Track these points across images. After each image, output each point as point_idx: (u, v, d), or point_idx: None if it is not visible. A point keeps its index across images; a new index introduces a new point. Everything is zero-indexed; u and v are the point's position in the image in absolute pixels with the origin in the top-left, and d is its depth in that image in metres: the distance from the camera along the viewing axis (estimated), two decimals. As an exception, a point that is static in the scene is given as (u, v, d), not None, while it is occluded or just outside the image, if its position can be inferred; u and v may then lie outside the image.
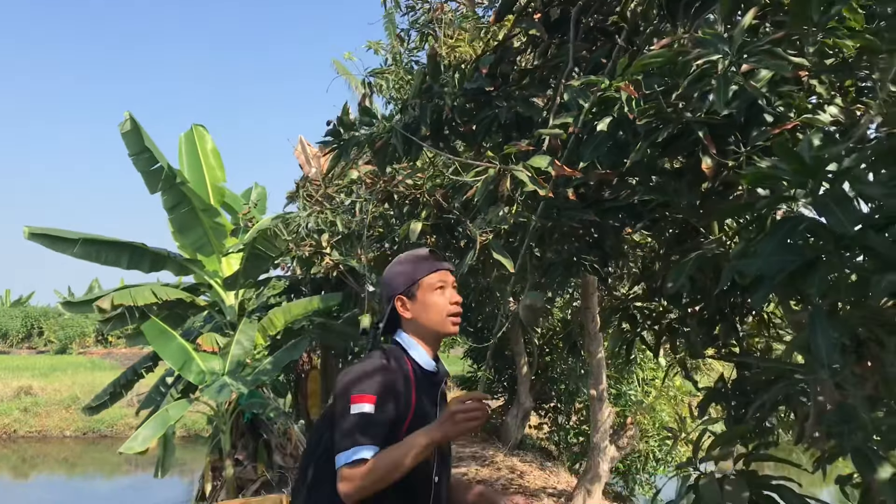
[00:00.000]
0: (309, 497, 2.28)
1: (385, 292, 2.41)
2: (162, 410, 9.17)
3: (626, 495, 11.90)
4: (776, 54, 2.26)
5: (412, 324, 2.37)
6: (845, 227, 1.75)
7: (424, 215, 4.85)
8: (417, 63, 7.62)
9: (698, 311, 4.00)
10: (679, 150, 2.65)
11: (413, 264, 2.40)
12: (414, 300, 2.36)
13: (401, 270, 2.40)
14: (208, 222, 10.45)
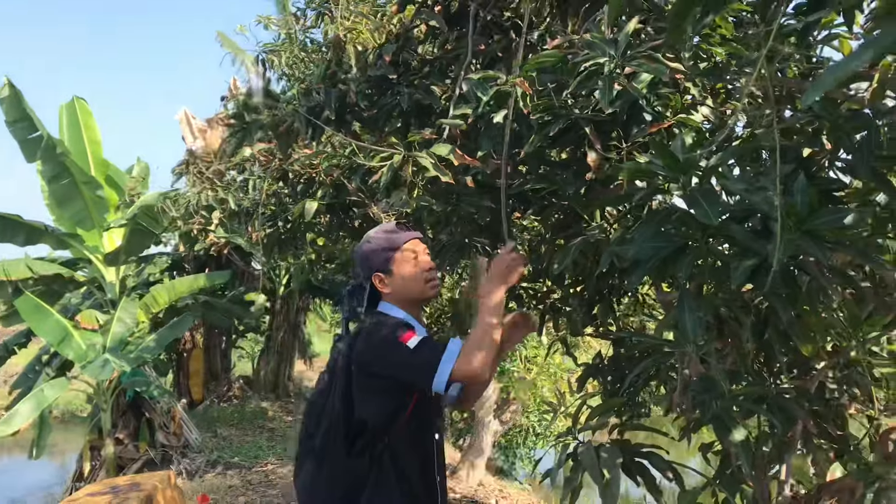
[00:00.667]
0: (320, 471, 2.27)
1: (361, 272, 2.42)
2: (37, 390, 8.83)
3: (507, 469, 12.35)
4: (656, 59, 2.48)
5: (393, 297, 2.42)
6: (711, 219, 1.97)
7: (320, 195, 4.91)
8: (312, 41, 7.61)
9: (580, 292, 4.26)
10: (567, 144, 2.86)
11: (384, 240, 2.44)
12: (391, 275, 2.40)
13: (373, 248, 2.43)
14: (90, 195, 10.07)
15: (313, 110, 3.25)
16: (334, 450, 2.24)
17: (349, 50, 3.77)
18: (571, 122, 2.67)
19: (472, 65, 3.18)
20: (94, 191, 10.08)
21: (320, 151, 4.49)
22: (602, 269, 2.58)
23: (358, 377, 2.27)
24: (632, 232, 2.29)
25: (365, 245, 2.46)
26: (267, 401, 13.77)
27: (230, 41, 14.59)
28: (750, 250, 2.04)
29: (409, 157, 2.58)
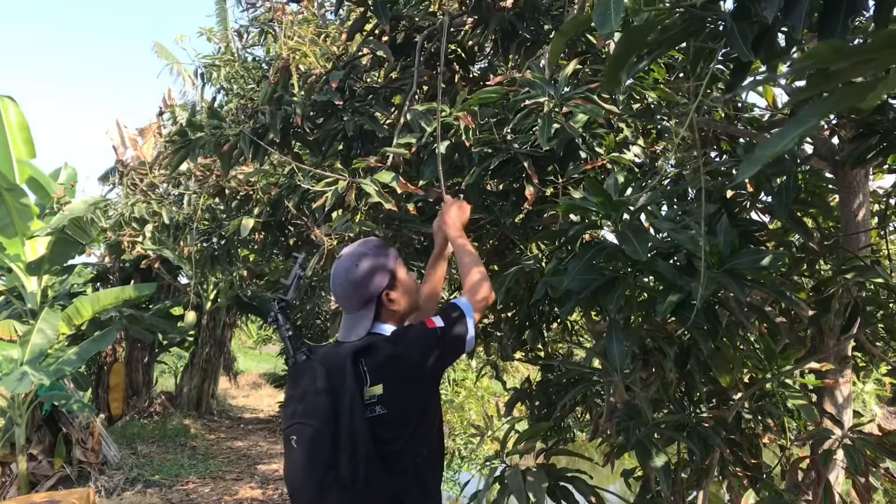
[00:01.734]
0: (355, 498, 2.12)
1: (362, 294, 2.28)
2: (-54, 402, 8.46)
3: (432, 491, 12.33)
4: (592, 100, 2.61)
5: (395, 313, 2.32)
6: (639, 255, 2.09)
7: (257, 212, 4.91)
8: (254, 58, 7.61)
9: (511, 318, 4.37)
10: (506, 176, 2.96)
11: (382, 255, 2.33)
12: (396, 290, 2.31)
13: (373, 265, 2.30)
14: (12, 202, 9.74)
15: (257, 131, 3.29)
16: (371, 472, 2.12)
17: (294, 72, 3.81)
18: (511, 156, 2.78)
19: (416, 95, 3.26)
20: (18, 198, 9.76)
21: (259, 170, 4.50)
22: (536, 299, 2.67)
23: (392, 388, 2.16)
24: (565, 264, 2.39)
25: (363, 264, 2.31)
26: (189, 418, 13.47)
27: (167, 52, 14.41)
28: (675, 286, 2.16)
29: (353, 183, 2.63)
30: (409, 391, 2.17)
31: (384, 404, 2.14)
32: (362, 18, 3.44)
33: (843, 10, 1.32)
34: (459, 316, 2.23)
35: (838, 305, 3.16)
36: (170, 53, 14.31)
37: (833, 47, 0.81)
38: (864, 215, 3.43)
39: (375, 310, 2.27)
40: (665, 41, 1.47)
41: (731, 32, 1.34)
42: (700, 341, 2.29)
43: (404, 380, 2.16)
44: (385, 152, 2.79)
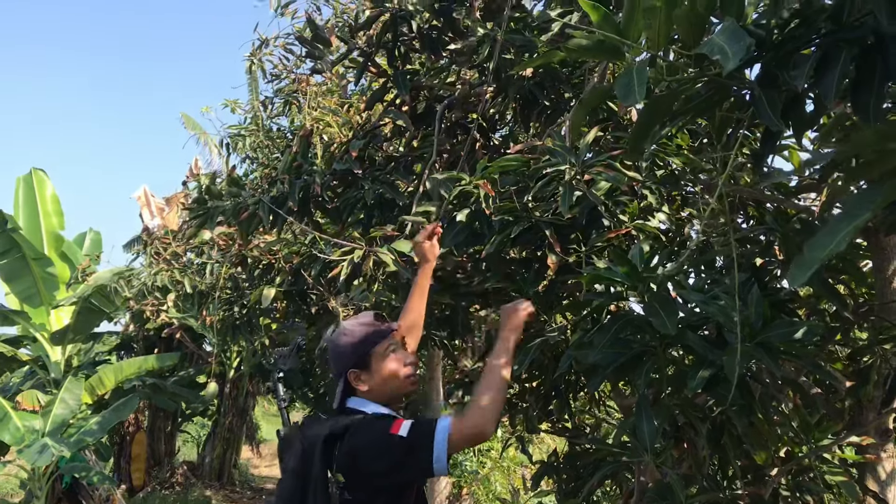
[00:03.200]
0: None
1: (336, 367, 2.28)
2: (-32, 473, 8.41)
3: (458, 565, 11.99)
4: (614, 167, 2.56)
5: (368, 393, 2.28)
6: (668, 328, 2.01)
7: (278, 282, 4.89)
8: (279, 127, 7.72)
9: (536, 387, 4.26)
10: (528, 244, 2.91)
11: (361, 333, 2.30)
12: (368, 371, 2.27)
13: (350, 342, 2.28)
14: (39, 272, 9.87)
15: (277, 199, 3.28)
16: None
17: (316, 142, 3.83)
18: (532, 225, 2.73)
19: (436, 163, 3.25)
20: (45, 268, 9.90)
21: (280, 239, 4.49)
22: (561, 371, 2.59)
23: (352, 479, 2.12)
24: (590, 336, 2.31)
25: (341, 338, 2.32)
26: (211, 489, 13.28)
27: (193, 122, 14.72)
28: (706, 360, 2.08)
29: (370, 252, 2.60)
30: (367, 486, 2.12)
31: (349, 491, 2.11)
32: (382, 89, 3.46)
33: (876, 76, 1.26)
34: (427, 440, 2.08)
35: (877, 377, 3.04)
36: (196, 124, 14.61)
37: (878, 133, 0.75)
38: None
39: (344, 386, 2.26)
40: (690, 111, 1.42)
41: (758, 101, 1.29)
42: (734, 417, 2.19)
43: (360, 477, 2.12)
44: (403, 220, 2.76)
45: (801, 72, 1.26)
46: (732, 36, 1.17)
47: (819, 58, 1.30)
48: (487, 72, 3.22)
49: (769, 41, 1.36)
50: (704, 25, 1.28)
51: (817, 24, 1.33)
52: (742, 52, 1.14)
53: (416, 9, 3.16)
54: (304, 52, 3.67)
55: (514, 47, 3.14)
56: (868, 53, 1.28)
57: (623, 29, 1.33)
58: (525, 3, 3.42)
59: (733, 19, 1.22)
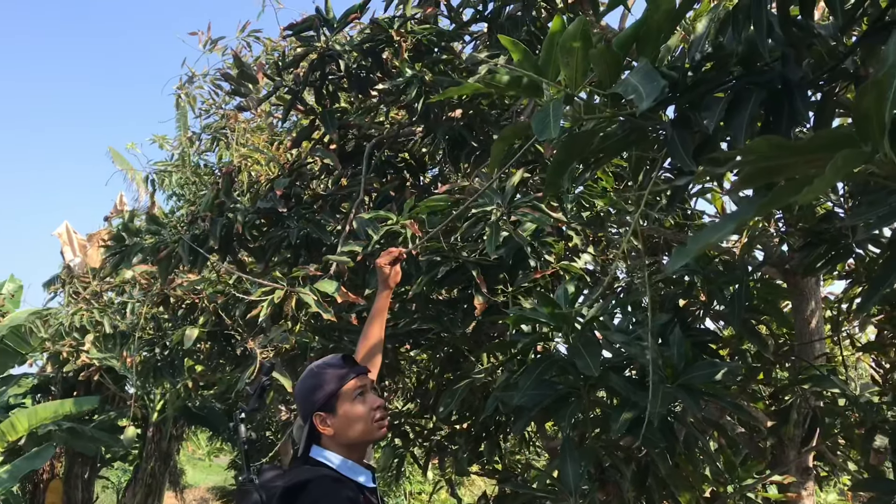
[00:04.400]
0: None
1: (302, 410, 2.21)
2: None
3: None
4: (539, 208, 2.58)
5: (335, 439, 2.19)
6: (591, 369, 2.00)
7: (202, 321, 4.76)
8: (206, 164, 7.59)
9: (466, 429, 4.23)
10: (455, 284, 2.90)
11: (327, 375, 2.22)
12: (334, 415, 2.17)
13: (315, 384, 2.20)
14: (-51, 312, 9.42)
15: (198, 238, 3.20)
16: None
17: (242, 179, 3.76)
18: (459, 265, 2.72)
19: (364, 203, 3.22)
20: (-43, 307, 9.46)
21: (204, 278, 4.38)
22: (486, 414, 2.56)
23: None
24: (516, 377, 2.29)
25: (307, 380, 2.24)
26: (131, 538, 12.71)
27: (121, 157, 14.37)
28: (629, 401, 2.07)
29: (291, 293, 2.54)
30: None
31: None
32: (310, 126, 3.43)
33: (784, 119, 1.30)
34: None
35: (797, 416, 3.11)
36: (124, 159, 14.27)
37: (771, 142, 0.77)
38: (817, 322, 3.42)
39: (309, 431, 2.16)
40: (606, 149, 1.43)
41: (671, 141, 1.30)
42: (657, 459, 2.18)
43: None
44: (328, 260, 2.71)
45: (712, 113, 1.29)
46: (646, 76, 1.18)
47: (730, 100, 1.33)
48: (416, 112, 3.22)
49: (682, 83, 1.38)
50: (620, 66, 1.29)
51: (728, 68, 1.36)
52: (655, 92, 1.15)
53: (345, 48, 3.15)
54: (231, 89, 3.61)
55: (441, 88, 3.16)
56: (776, 97, 1.31)
57: (542, 67, 1.33)
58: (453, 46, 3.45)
59: (647, 60, 1.24)
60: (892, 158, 0.78)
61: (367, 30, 3.41)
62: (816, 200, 3.09)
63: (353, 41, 3.30)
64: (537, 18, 3.36)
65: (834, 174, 0.70)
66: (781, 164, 0.78)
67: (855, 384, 3.39)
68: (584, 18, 1.18)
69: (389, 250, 2.46)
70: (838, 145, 0.73)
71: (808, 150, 0.74)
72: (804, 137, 0.85)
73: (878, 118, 0.75)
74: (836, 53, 1.40)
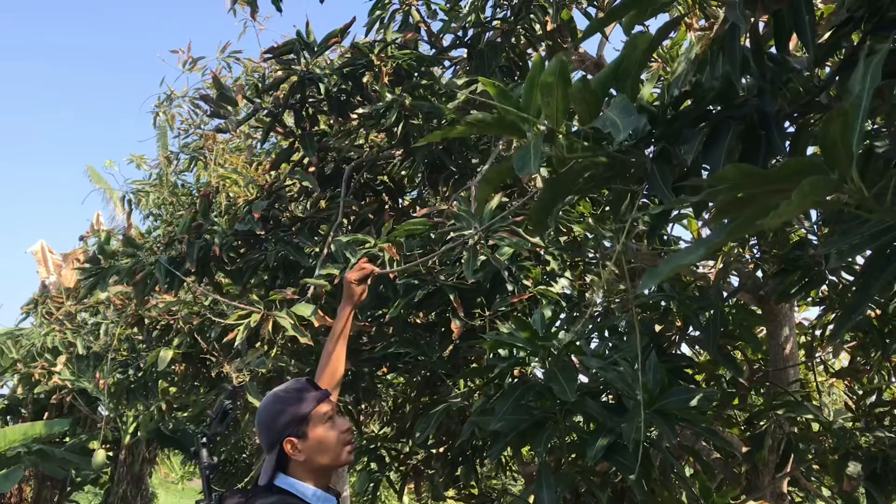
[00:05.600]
0: None
1: (268, 437, 2.12)
2: None
3: None
4: (517, 233, 2.59)
5: (304, 465, 2.12)
6: (567, 395, 2.00)
7: (177, 343, 4.71)
8: (184, 184, 7.56)
9: (443, 453, 4.21)
10: (432, 307, 2.90)
11: (296, 399, 2.15)
12: (305, 439, 2.10)
13: (283, 409, 2.13)
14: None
15: (174, 260, 3.18)
16: None
17: (219, 200, 3.74)
18: (437, 289, 2.72)
19: (342, 226, 3.22)
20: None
21: (180, 300, 4.34)
22: (463, 439, 2.55)
23: None
24: (492, 402, 2.29)
25: (274, 406, 2.16)
26: (100, 563, 12.47)
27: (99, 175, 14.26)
28: (605, 427, 2.08)
29: (268, 316, 2.52)
30: None
31: None
32: (289, 149, 3.43)
33: (761, 152, 1.32)
34: None
35: (771, 441, 3.12)
36: (102, 178, 14.16)
37: (741, 170, 0.79)
38: (791, 348, 3.45)
39: (278, 457, 2.09)
40: (590, 188, 1.45)
41: (652, 175, 1.32)
42: (633, 485, 2.18)
43: None
44: (305, 283, 2.70)
45: (690, 146, 1.30)
46: (623, 110, 1.20)
47: (708, 133, 1.35)
48: (395, 136, 3.24)
49: (662, 118, 1.40)
50: (600, 104, 1.31)
51: (706, 102, 1.38)
52: (632, 124, 1.16)
53: (325, 72, 3.16)
54: (210, 111, 3.60)
55: (421, 113, 3.17)
56: (753, 130, 1.33)
57: (523, 105, 1.35)
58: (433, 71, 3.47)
59: (624, 95, 1.25)
60: (860, 186, 0.80)
61: (348, 54, 3.43)
62: (790, 227, 3.13)
63: (334, 65, 3.32)
64: (516, 45, 3.40)
65: (801, 199, 0.72)
66: (752, 192, 0.79)
67: (828, 410, 3.41)
68: (563, 58, 1.20)
69: (361, 266, 2.42)
70: (807, 173, 0.74)
71: (778, 178, 0.76)
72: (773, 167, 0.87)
73: (845, 146, 0.77)
74: (811, 87, 1.43)
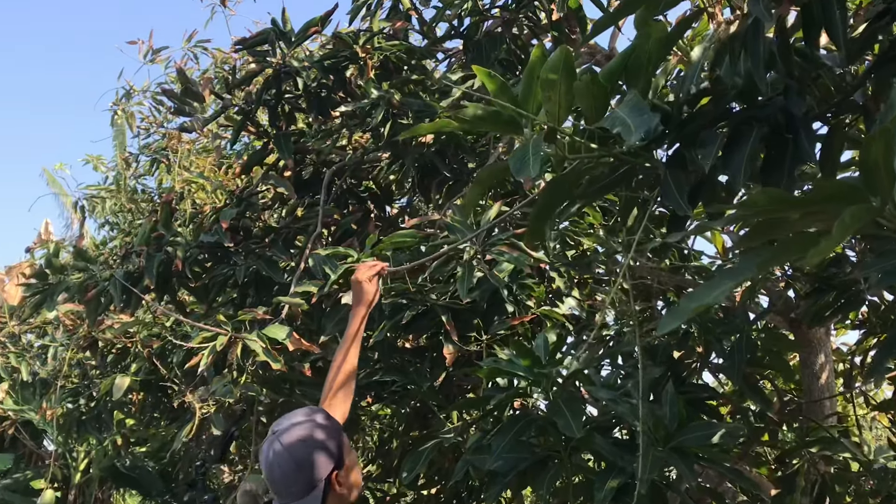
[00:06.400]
0: None
1: (307, 477, 2.05)
2: None
3: None
4: (517, 247, 2.59)
5: (342, 499, 2.10)
6: (573, 430, 2.01)
7: (135, 369, 4.69)
8: (144, 189, 7.55)
9: (434, 495, 4.19)
10: (422, 331, 2.89)
11: (329, 428, 2.11)
12: (345, 470, 2.08)
13: (323, 439, 2.08)
14: None
15: (131, 275, 3.17)
16: None
17: (183, 208, 3.75)
18: (427, 309, 2.72)
19: (322, 237, 3.22)
20: None
21: (138, 320, 4.33)
22: (455, 479, 2.55)
23: None
24: (489, 439, 2.29)
25: (305, 443, 2.08)
26: None
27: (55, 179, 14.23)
28: (615, 466, 2.08)
29: (236, 339, 2.52)
30: None
31: None
32: (262, 151, 3.44)
33: (787, 157, 1.32)
34: None
35: (804, 483, 3.11)
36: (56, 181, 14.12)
37: (771, 196, 0.79)
38: (827, 377, 3.44)
39: (323, 498, 2.03)
40: (594, 192, 1.45)
41: (665, 182, 1.32)
42: (647, 533, 2.18)
43: None
44: (279, 302, 2.70)
45: (708, 150, 1.31)
46: (635, 109, 1.20)
47: (728, 136, 1.35)
48: (382, 137, 3.24)
49: (676, 117, 1.40)
50: (607, 100, 1.31)
51: (726, 101, 1.39)
52: (645, 125, 1.17)
53: (303, 65, 3.17)
54: (174, 108, 3.61)
55: (411, 111, 3.18)
56: (778, 132, 1.34)
57: (521, 101, 1.35)
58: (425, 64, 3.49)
59: (637, 92, 1.26)
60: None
61: (329, 45, 3.44)
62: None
63: (314, 57, 3.32)
64: (518, 36, 3.41)
65: (842, 232, 0.72)
66: (782, 217, 0.79)
67: (869, 448, 3.41)
68: (567, 48, 1.21)
69: (370, 263, 2.40)
70: (843, 198, 0.74)
71: (811, 203, 0.76)
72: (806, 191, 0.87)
73: (887, 169, 0.76)
74: (844, 85, 1.43)
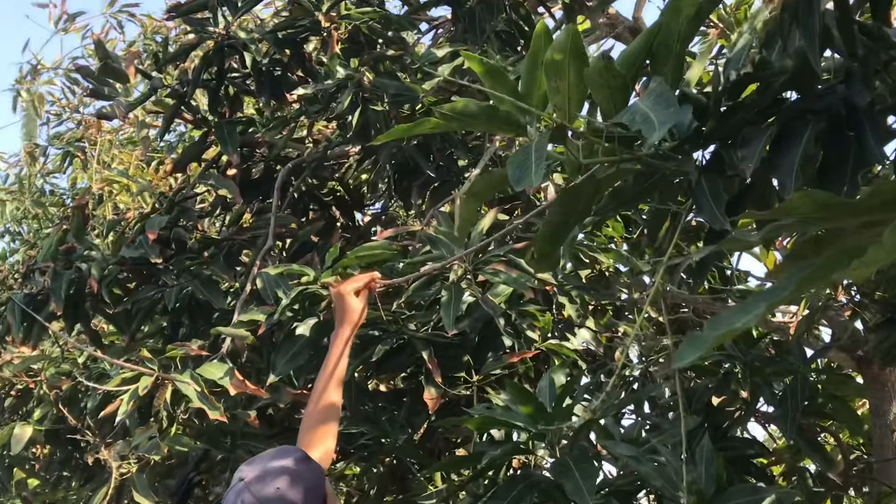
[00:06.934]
0: None
1: None
2: None
3: None
4: (517, 265, 2.58)
5: None
6: (583, 496, 2.00)
7: (39, 416, 4.67)
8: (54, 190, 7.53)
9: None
10: (397, 369, 2.89)
11: (308, 476, 2.21)
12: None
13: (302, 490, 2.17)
14: None
15: (34, 298, 3.16)
16: None
17: (102, 214, 3.73)
18: (404, 342, 2.71)
19: (274, 251, 3.21)
20: None
21: (44, 355, 4.32)
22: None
23: None
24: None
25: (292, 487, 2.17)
26: None
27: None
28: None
29: (164, 380, 2.51)
30: None
31: None
32: (201, 142, 3.43)
33: (850, 160, 1.31)
34: None
35: (875, 563, 3.12)
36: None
37: (815, 200, 0.78)
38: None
39: None
40: (614, 206, 1.45)
41: (698, 190, 1.32)
42: None
43: None
44: (219, 333, 2.69)
45: (752, 151, 1.30)
46: (660, 100, 1.20)
47: (776, 133, 1.35)
48: (351, 127, 3.23)
49: (713, 110, 1.40)
50: (628, 91, 1.31)
51: (774, 91, 1.39)
52: (670, 120, 1.16)
53: (253, 37, 3.17)
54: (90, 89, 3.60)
55: (387, 95, 3.18)
56: (838, 129, 1.33)
57: (522, 90, 1.35)
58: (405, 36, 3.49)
59: (662, 80, 1.26)
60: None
61: (285, 12, 3.44)
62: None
63: (265, 27, 3.33)
64: (521, 3, 3.42)
65: (894, 241, 0.70)
66: (833, 227, 0.78)
67: (954, 518, 3.42)
68: (574, 27, 1.21)
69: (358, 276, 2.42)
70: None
71: (867, 209, 0.75)
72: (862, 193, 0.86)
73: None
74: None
